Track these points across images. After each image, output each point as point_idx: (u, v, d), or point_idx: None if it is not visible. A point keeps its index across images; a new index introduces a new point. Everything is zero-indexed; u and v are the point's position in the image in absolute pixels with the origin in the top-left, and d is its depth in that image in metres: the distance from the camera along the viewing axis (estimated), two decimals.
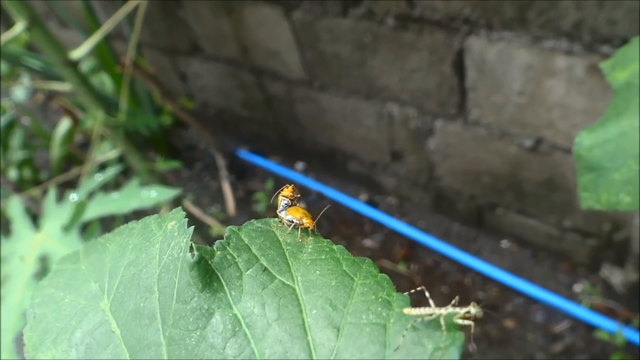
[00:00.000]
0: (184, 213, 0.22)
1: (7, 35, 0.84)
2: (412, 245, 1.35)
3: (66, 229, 0.61)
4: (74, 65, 0.92)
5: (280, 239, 0.22)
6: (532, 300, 1.17)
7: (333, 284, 0.19)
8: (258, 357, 0.18)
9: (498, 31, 0.90)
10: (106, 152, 1.30)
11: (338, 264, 0.20)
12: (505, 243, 1.28)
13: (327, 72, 1.23)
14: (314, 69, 1.25)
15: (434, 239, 1.32)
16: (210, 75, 1.54)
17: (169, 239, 0.21)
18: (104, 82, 1.58)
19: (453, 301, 0.19)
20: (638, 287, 1.09)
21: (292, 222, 0.23)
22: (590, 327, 1.09)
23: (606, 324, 1.05)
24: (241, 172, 1.68)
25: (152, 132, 1.65)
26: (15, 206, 0.64)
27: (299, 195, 0.26)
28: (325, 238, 0.23)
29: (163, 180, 1.19)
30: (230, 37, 1.34)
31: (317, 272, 0.20)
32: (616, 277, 1.11)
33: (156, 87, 1.30)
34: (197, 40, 1.44)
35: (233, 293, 0.19)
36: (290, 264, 0.20)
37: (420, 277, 1.26)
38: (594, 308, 1.11)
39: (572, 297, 1.14)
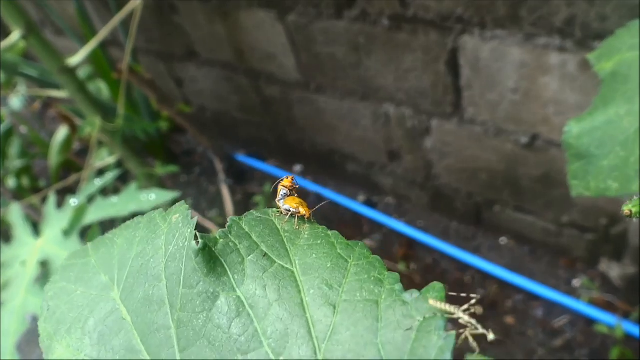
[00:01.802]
0: (187, 206, 0.23)
1: (5, 44, 0.84)
2: (411, 245, 1.35)
3: (66, 233, 0.61)
4: (71, 72, 0.93)
5: (278, 226, 0.23)
6: (531, 296, 1.18)
7: (329, 265, 0.21)
8: (261, 334, 0.20)
9: (491, 30, 0.91)
10: (104, 158, 1.30)
11: (333, 247, 0.21)
12: (503, 240, 1.29)
13: (323, 74, 1.23)
14: (310, 71, 1.25)
15: (432, 238, 1.32)
16: (206, 79, 1.55)
17: (173, 231, 0.22)
18: (101, 89, 1.58)
19: (473, 309, 0.20)
20: (636, 281, 1.10)
21: (290, 210, 0.25)
22: (590, 321, 1.09)
23: (605, 318, 1.06)
24: (239, 176, 1.69)
25: (150, 138, 1.65)
26: (15, 212, 0.64)
27: (297, 186, 0.27)
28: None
29: (161, 185, 1.19)
30: (226, 41, 1.35)
31: (314, 255, 0.21)
32: (614, 271, 1.12)
33: (153, 93, 1.30)
34: (193, 45, 1.45)
35: (236, 277, 0.21)
36: (289, 249, 0.22)
37: (420, 275, 1.27)
38: (593, 302, 1.11)
39: (571, 292, 1.15)
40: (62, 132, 1.49)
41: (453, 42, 0.97)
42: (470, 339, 0.20)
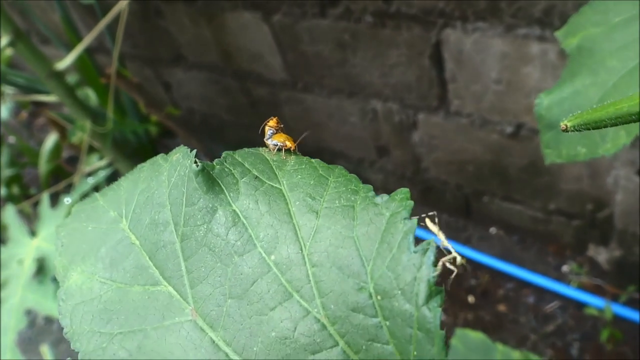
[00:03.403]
0: (187, 147, 0.26)
1: None
2: None
3: None
4: (59, 76, 0.94)
5: (267, 157, 0.26)
6: (522, 284, 1.20)
7: (312, 183, 0.24)
8: (254, 239, 0.23)
9: (472, 22, 0.93)
10: (95, 163, 1.31)
11: (315, 169, 0.25)
12: (493, 230, 1.31)
13: (309, 73, 1.25)
14: (296, 70, 1.27)
15: (423, 231, 1.34)
16: (194, 82, 1.55)
17: (175, 165, 0.25)
18: (89, 95, 1.59)
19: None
20: (623, 264, 1.12)
21: (277, 145, 0.28)
22: (580, 305, 1.11)
23: (595, 301, 1.08)
24: None
25: (140, 142, 1.66)
26: (10, 214, 0.65)
27: (282, 126, 0.31)
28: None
29: None
30: (212, 44, 1.36)
31: (299, 176, 0.24)
32: (602, 255, 1.15)
33: (141, 97, 1.31)
34: (180, 48, 1.45)
35: (231, 194, 0.24)
36: (277, 173, 0.25)
37: None
38: (583, 287, 1.14)
39: (561, 278, 1.17)
40: (51, 139, 1.49)
41: (436, 36, 0.99)
42: (447, 264, 0.22)
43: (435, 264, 0.21)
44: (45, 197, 0.69)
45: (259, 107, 1.48)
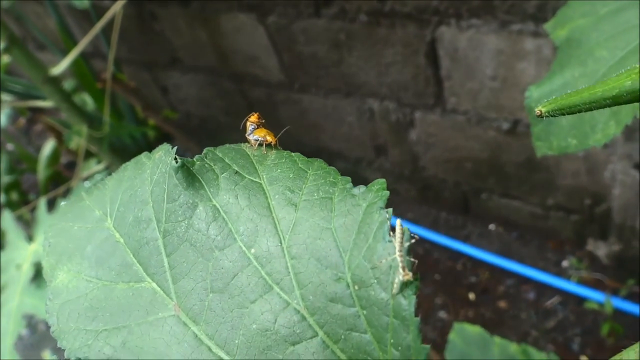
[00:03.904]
0: (169, 145, 0.26)
1: None
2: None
3: None
4: (55, 81, 0.94)
5: (248, 152, 0.27)
6: (522, 280, 1.20)
7: (291, 176, 0.24)
8: (235, 233, 0.23)
9: (467, 19, 0.93)
10: (93, 168, 1.31)
11: (295, 163, 0.25)
12: (492, 227, 1.31)
13: (306, 73, 1.25)
14: (293, 71, 1.27)
15: (423, 229, 1.34)
16: (191, 86, 1.56)
17: (157, 163, 0.26)
18: (86, 101, 1.59)
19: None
20: (622, 258, 1.12)
21: (258, 140, 0.28)
22: (580, 300, 1.11)
23: (595, 296, 1.08)
24: None
25: (137, 146, 1.66)
26: (7, 219, 0.65)
27: (263, 121, 0.31)
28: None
29: None
30: (208, 47, 1.36)
31: (279, 170, 0.25)
32: (601, 250, 1.15)
33: (138, 101, 1.31)
34: (176, 52, 1.46)
35: (211, 190, 0.24)
36: (257, 168, 0.25)
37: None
38: (583, 282, 1.14)
39: (561, 273, 1.17)
40: (49, 145, 1.49)
41: (431, 33, 0.99)
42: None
43: (409, 253, 0.21)
44: (42, 202, 0.70)
45: (256, 108, 1.48)
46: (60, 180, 1.65)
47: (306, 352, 0.22)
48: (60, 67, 0.93)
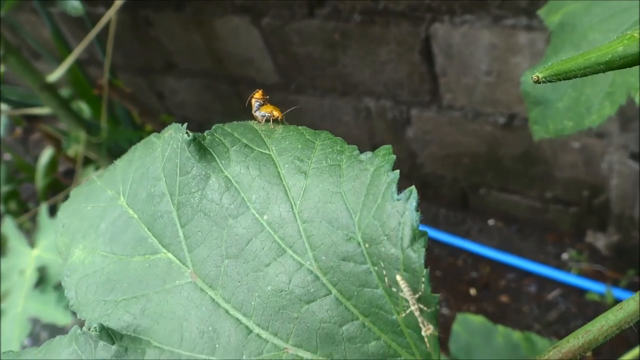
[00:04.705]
0: (179, 123, 0.27)
1: None
2: None
3: None
4: (52, 88, 0.94)
5: (256, 127, 0.27)
6: (523, 274, 1.20)
7: (299, 147, 0.25)
8: (247, 201, 0.24)
9: (460, 15, 0.94)
10: (91, 174, 1.31)
11: (303, 135, 0.26)
12: (491, 222, 1.31)
13: (301, 74, 1.25)
14: (288, 72, 1.27)
15: (423, 226, 1.34)
16: (187, 90, 1.56)
17: (168, 141, 0.26)
18: (82, 109, 1.59)
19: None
20: (622, 248, 1.13)
21: (265, 116, 0.28)
22: (581, 292, 1.12)
23: (596, 287, 1.09)
24: None
25: None
26: (9, 226, 0.65)
27: (267, 97, 0.31)
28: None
29: None
30: (203, 50, 1.37)
31: (287, 142, 0.25)
32: (600, 241, 1.15)
33: (134, 106, 1.31)
34: (171, 57, 1.46)
35: (223, 162, 0.25)
36: (266, 140, 0.26)
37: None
38: (583, 273, 1.14)
39: (561, 265, 1.18)
40: (46, 153, 1.49)
41: (425, 30, 1.00)
42: None
43: (417, 209, 0.22)
44: (43, 207, 0.70)
45: None
46: (58, 188, 1.65)
47: (320, 310, 0.22)
48: (56, 74, 0.93)
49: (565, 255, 1.19)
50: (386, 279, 0.22)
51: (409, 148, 1.27)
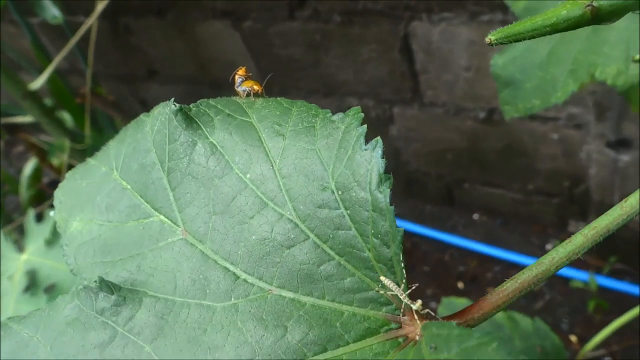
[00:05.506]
0: (167, 103, 0.28)
1: None
2: None
3: (49, 242, 0.63)
4: (34, 96, 0.94)
5: (238, 100, 0.30)
6: (509, 265, 1.22)
7: (278, 114, 0.27)
8: (231, 163, 0.26)
9: (438, 13, 0.96)
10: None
11: (280, 104, 0.28)
12: (476, 216, 1.33)
13: (284, 76, 1.27)
14: (272, 74, 1.28)
15: (409, 223, 1.36)
16: (170, 96, 1.54)
17: (157, 116, 0.28)
18: (65, 119, 1.58)
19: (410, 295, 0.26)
20: None
21: (246, 90, 0.31)
22: (566, 280, 1.14)
23: (579, 275, 1.11)
24: None
25: None
26: None
27: (250, 74, 0.33)
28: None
29: None
30: (186, 56, 1.37)
31: (266, 110, 0.28)
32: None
33: (117, 113, 1.31)
34: (153, 63, 1.46)
35: (208, 130, 0.27)
36: (247, 110, 0.28)
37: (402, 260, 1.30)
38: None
39: None
40: (30, 164, 1.48)
41: (404, 29, 1.01)
42: None
43: (383, 156, 0.25)
44: (30, 214, 0.70)
45: None
46: (43, 199, 1.64)
47: (300, 253, 0.25)
48: (39, 81, 0.93)
49: (549, 246, 1.21)
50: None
51: (393, 146, 1.28)
